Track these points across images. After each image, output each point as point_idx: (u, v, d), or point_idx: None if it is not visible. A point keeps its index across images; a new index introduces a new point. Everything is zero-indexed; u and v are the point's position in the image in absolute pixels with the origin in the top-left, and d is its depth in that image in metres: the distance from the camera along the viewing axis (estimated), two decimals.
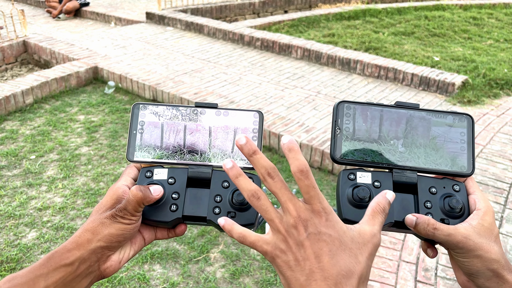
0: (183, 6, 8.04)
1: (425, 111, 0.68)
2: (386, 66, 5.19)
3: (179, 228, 0.68)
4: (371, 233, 0.53)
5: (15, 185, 3.49)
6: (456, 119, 0.68)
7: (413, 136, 0.67)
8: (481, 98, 4.71)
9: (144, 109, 0.69)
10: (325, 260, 0.49)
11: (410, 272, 2.54)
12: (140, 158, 0.68)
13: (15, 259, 2.76)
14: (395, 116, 0.68)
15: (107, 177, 3.59)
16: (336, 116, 0.67)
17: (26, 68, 6.34)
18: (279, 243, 0.51)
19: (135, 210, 0.61)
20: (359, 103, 0.68)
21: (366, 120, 0.67)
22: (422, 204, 0.64)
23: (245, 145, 0.52)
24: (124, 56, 5.82)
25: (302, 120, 4.15)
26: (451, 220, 0.63)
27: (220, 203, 0.65)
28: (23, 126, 4.40)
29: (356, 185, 0.65)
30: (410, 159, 0.66)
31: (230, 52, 6.10)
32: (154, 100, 4.89)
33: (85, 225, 0.62)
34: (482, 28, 7.42)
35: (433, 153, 0.67)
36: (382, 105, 0.68)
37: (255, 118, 0.68)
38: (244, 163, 0.67)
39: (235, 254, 2.81)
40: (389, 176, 0.66)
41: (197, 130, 0.68)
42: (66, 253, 0.60)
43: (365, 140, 0.67)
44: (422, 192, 0.65)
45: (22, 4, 9.87)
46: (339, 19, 7.90)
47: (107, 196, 0.64)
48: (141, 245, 0.67)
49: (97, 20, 8.44)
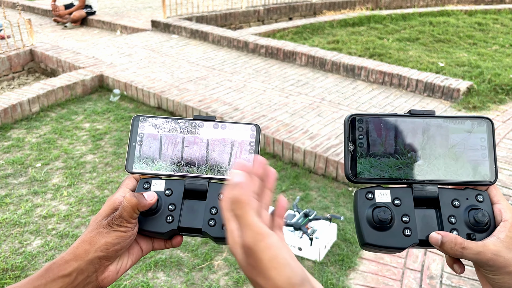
0: (188, 14, 8.10)
1: (442, 118, 0.65)
2: (390, 73, 5.19)
3: (176, 239, 0.68)
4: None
5: (20, 193, 3.51)
6: (475, 124, 0.64)
7: (431, 146, 0.64)
8: (486, 104, 4.68)
9: (144, 122, 0.70)
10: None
11: (415, 280, 2.52)
12: (139, 169, 0.69)
13: (20, 267, 2.77)
14: (411, 126, 0.64)
15: (111, 185, 3.60)
16: (348, 132, 0.64)
17: (33, 77, 6.40)
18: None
19: (131, 217, 0.61)
20: (371, 115, 0.64)
21: (380, 133, 0.64)
22: (446, 220, 0.61)
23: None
24: (129, 64, 5.86)
25: (306, 127, 4.15)
26: (478, 235, 0.60)
27: (216, 215, 0.65)
28: (29, 134, 4.43)
29: (375, 205, 0.61)
30: (430, 171, 0.63)
31: (235, 60, 6.13)
32: (159, 107, 4.92)
33: (83, 236, 0.62)
34: (487, 34, 7.40)
35: (453, 163, 0.63)
36: (396, 115, 0.65)
37: (252, 131, 0.69)
38: None
39: None
40: (409, 192, 0.63)
41: (195, 143, 0.69)
42: (64, 264, 0.60)
43: (381, 155, 0.63)
44: (445, 206, 0.62)
45: (29, 13, 9.99)
46: (343, 26, 7.92)
47: (105, 206, 0.64)
48: (138, 255, 0.67)
49: (103, 29, 8.52)
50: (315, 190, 3.52)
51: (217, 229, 0.65)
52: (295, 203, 3.15)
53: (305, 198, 3.39)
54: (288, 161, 3.88)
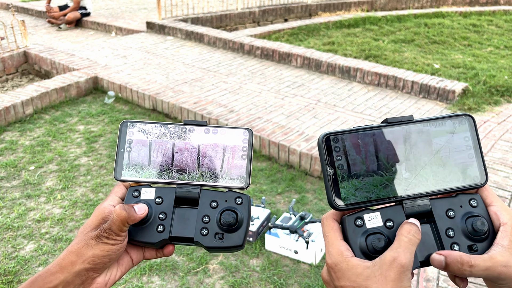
0: (184, 15, 8.08)
1: (421, 122, 0.60)
2: (386, 74, 5.19)
3: (167, 249, 0.66)
4: (390, 258, 0.52)
5: (13, 196, 3.48)
6: (456, 123, 0.61)
7: (415, 155, 0.60)
8: (481, 106, 4.69)
9: (132, 127, 0.68)
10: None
11: (412, 283, 2.51)
12: (128, 177, 0.67)
13: (12, 271, 2.73)
14: (390, 137, 0.60)
15: (106, 188, 3.57)
16: (324, 154, 0.58)
17: (27, 79, 6.36)
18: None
19: (120, 230, 0.60)
20: (346, 132, 0.59)
21: (359, 150, 0.59)
22: (444, 234, 0.57)
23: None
24: (124, 66, 5.83)
25: (302, 129, 4.14)
26: (479, 245, 0.57)
27: (208, 224, 0.63)
28: (23, 136, 4.40)
29: (367, 232, 0.56)
30: (418, 184, 0.59)
31: (230, 61, 6.11)
32: (154, 109, 4.89)
33: (70, 247, 0.60)
34: (482, 35, 7.42)
35: (441, 170, 0.60)
36: (372, 127, 0.60)
37: (245, 136, 0.67)
38: (231, 182, 0.65)
39: (234, 266, 2.78)
40: (400, 210, 0.58)
41: (186, 149, 0.67)
42: (49, 276, 0.59)
43: (364, 174, 0.58)
44: (440, 218, 0.58)
45: (23, 14, 9.94)
46: (339, 27, 7.92)
47: (93, 216, 0.62)
48: (128, 266, 0.65)
49: (98, 30, 8.48)
50: (311, 193, 3.51)
51: (209, 238, 0.63)
52: (291, 206, 3.13)
53: (301, 201, 3.38)
54: (284, 163, 3.87)
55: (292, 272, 2.75)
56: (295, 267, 2.79)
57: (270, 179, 3.66)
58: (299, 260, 2.84)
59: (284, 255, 2.88)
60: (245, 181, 0.66)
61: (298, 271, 2.76)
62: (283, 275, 2.73)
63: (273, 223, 2.94)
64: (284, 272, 2.75)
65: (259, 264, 2.81)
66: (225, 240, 0.63)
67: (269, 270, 2.76)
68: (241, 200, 0.65)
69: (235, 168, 0.66)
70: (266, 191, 3.51)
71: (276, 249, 2.90)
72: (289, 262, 2.83)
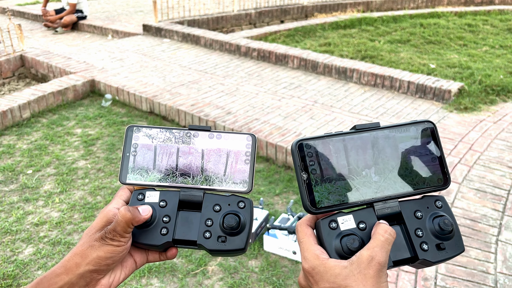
0: (180, 18, 8.09)
1: (387, 129, 0.64)
2: (382, 74, 5.21)
3: (170, 252, 0.68)
4: (368, 257, 0.54)
5: (11, 200, 3.48)
6: (419, 129, 0.64)
7: (383, 160, 0.63)
8: (477, 105, 4.71)
9: (138, 132, 0.70)
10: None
11: (410, 282, 2.52)
12: (133, 180, 0.68)
13: (11, 275, 2.74)
14: (359, 142, 0.63)
15: (104, 191, 3.58)
16: (298, 160, 0.61)
17: (24, 82, 6.35)
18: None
19: (125, 231, 0.61)
20: (317, 138, 0.62)
21: (330, 155, 0.62)
22: (414, 234, 0.60)
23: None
24: (121, 69, 5.84)
25: (299, 130, 4.15)
26: (446, 243, 0.60)
27: (211, 227, 0.65)
28: (20, 140, 4.39)
29: (341, 234, 0.59)
30: (387, 186, 0.62)
31: (227, 63, 6.12)
32: (151, 112, 4.90)
33: (75, 249, 0.62)
34: (477, 35, 7.46)
35: (408, 173, 0.63)
36: (342, 133, 0.63)
37: (248, 141, 0.69)
38: (234, 186, 0.67)
39: (233, 267, 2.79)
40: (371, 212, 0.61)
41: (190, 153, 0.69)
42: (54, 277, 0.60)
43: (336, 178, 0.61)
44: (409, 219, 0.61)
45: (20, 18, 9.92)
46: (335, 28, 7.95)
47: (98, 219, 0.64)
48: (132, 268, 0.67)
49: (94, 33, 8.48)
50: None
51: (212, 241, 0.64)
52: (289, 207, 3.14)
53: (298, 202, 3.39)
54: (281, 165, 3.88)
55: (291, 272, 2.76)
56: (294, 268, 2.80)
57: (268, 180, 3.67)
58: (297, 261, 2.85)
59: (282, 255, 2.89)
60: (248, 186, 0.67)
61: (296, 272, 2.77)
62: (282, 275, 2.74)
63: (271, 224, 2.95)
64: (282, 272, 2.76)
65: (257, 265, 2.82)
66: (227, 243, 0.64)
67: (267, 271, 2.77)
68: (244, 204, 0.66)
69: (238, 172, 0.68)
70: (264, 192, 3.52)
71: (275, 250, 2.91)
72: (287, 263, 2.84)
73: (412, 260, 0.61)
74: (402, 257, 0.60)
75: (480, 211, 3.07)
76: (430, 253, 0.60)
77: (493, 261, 2.66)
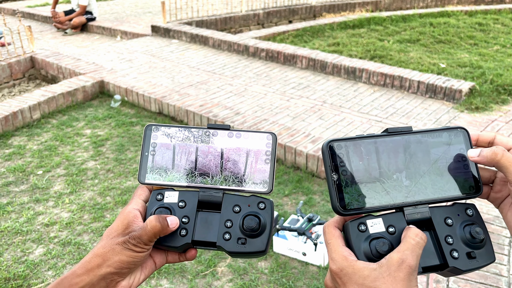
0: (188, 18, 8.10)
1: (420, 133, 0.63)
2: (392, 74, 5.17)
3: (190, 253, 0.67)
4: (398, 260, 0.53)
5: (22, 201, 3.50)
6: (452, 135, 0.63)
7: (415, 164, 0.62)
8: (489, 105, 4.66)
9: (157, 131, 0.69)
10: None
11: (421, 284, 2.49)
12: (152, 180, 0.67)
13: (22, 275, 2.75)
14: (391, 146, 0.62)
15: (113, 191, 3.58)
16: (328, 160, 0.60)
17: (34, 84, 6.40)
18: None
19: (150, 241, 0.61)
20: (350, 139, 0.61)
21: (362, 157, 0.61)
22: (444, 241, 0.59)
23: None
24: (130, 70, 5.86)
25: (308, 130, 4.13)
26: (476, 252, 0.59)
27: (231, 229, 0.64)
28: (31, 141, 4.42)
29: (370, 237, 0.58)
30: (418, 192, 0.61)
31: (235, 64, 6.12)
32: (160, 113, 4.91)
33: (95, 250, 0.61)
34: (488, 34, 7.38)
35: (439, 179, 0.62)
36: (374, 135, 0.62)
37: (268, 140, 0.67)
38: (254, 187, 0.66)
39: (242, 268, 2.78)
40: (401, 217, 0.60)
41: (209, 152, 0.67)
42: (75, 278, 0.60)
43: (366, 181, 0.60)
44: (439, 226, 0.60)
45: (30, 20, 10.01)
46: (343, 28, 7.91)
47: (118, 220, 0.63)
48: (152, 269, 0.66)
49: (103, 34, 8.53)
50: (318, 194, 3.50)
51: (232, 243, 0.63)
52: (298, 208, 3.13)
53: (308, 203, 3.37)
54: (290, 165, 3.86)
55: (301, 274, 2.75)
56: (304, 269, 2.78)
57: (277, 181, 3.66)
58: (307, 262, 2.83)
59: (292, 257, 2.87)
60: (268, 186, 0.65)
61: (306, 273, 2.75)
62: (292, 277, 2.72)
63: (281, 225, 2.94)
64: (292, 274, 2.75)
65: (267, 267, 2.80)
66: (247, 245, 0.63)
67: (277, 272, 2.76)
68: (264, 205, 0.65)
69: (258, 172, 0.66)
70: (273, 193, 3.51)
71: (284, 251, 2.89)
72: (297, 264, 2.82)
73: (441, 268, 0.59)
74: (431, 263, 0.59)
75: (493, 212, 3.03)
76: (461, 261, 0.59)
77: (506, 263, 2.62)
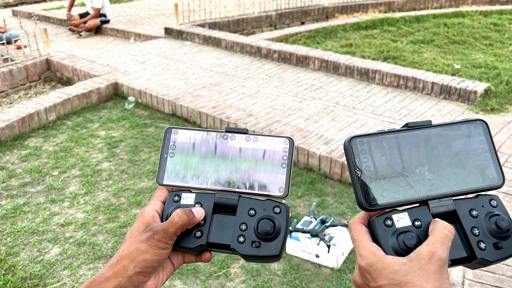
0: (201, 20, 8.14)
1: (440, 127, 0.63)
2: (405, 75, 5.13)
3: (205, 255, 0.67)
4: (428, 253, 0.53)
5: (38, 201, 3.55)
6: (472, 128, 0.64)
7: (437, 157, 0.62)
8: (504, 106, 4.60)
9: (176, 133, 0.70)
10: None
11: None
12: (169, 181, 0.68)
13: (38, 275, 2.79)
14: (412, 140, 0.62)
15: (127, 192, 3.62)
16: (351, 156, 0.60)
17: (49, 86, 6.49)
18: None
19: (175, 234, 0.62)
20: (371, 135, 0.61)
21: (384, 152, 0.61)
22: (470, 232, 0.59)
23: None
24: (143, 72, 5.91)
25: (321, 132, 4.12)
26: (503, 242, 0.59)
27: (245, 232, 0.64)
28: (46, 142, 4.49)
29: (397, 231, 0.58)
30: (441, 184, 0.61)
31: (248, 65, 6.13)
32: (173, 114, 4.94)
33: (121, 252, 0.62)
34: (503, 34, 7.28)
35: (461, 171, 0.62)
36: (395, 130, 0.62)
37: (285, 145, 0.68)
38: (270, 191, 0.66)
39: (255, 269, 2.78)
40: (426, 210, 0.60)
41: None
42: (104, 281, 0.60)
43: (390, 175, 0.60)
44: (465, 218, 0.60)
45: (45, 23, 10.16)
46: (356, 29, 7.87)
47: (138, 221, 0.64)
48: (171, 270, 0.67)
49: (117, 37, 8.61)
50: (331, 196, 3.49)
51: (246, 246, 0.63)
52: (311, 210, 3.12)
53: (321, 204, 3.36)
54: (303, 167, 3.86)
55: (314, 276, 2.74)
56: (317, 271, 2.78)
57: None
58: (320, 264, 2.82)
59: (305, 259, 2.87)
60: (284, 190, 0.66)
61: (319, 275, 2.75)
62: (305, 279, 2.72)
63: (294, 227, 2.94)
64: (305, 276, 2.74)
65: (280, 268, 2.80)
66: (261, 249, 0.63)
67: (290, 274, 2.76)
68: (280, 209, 0.65)
69: (275, 176, 0.67)
70: None
71: (297, 253, 2.89)
72: (310, 266, 2.82)
73: (469, 260, 0.59)
74: (458, 256, 0.59)
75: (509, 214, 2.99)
76: (488, 252, 0.59)
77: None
